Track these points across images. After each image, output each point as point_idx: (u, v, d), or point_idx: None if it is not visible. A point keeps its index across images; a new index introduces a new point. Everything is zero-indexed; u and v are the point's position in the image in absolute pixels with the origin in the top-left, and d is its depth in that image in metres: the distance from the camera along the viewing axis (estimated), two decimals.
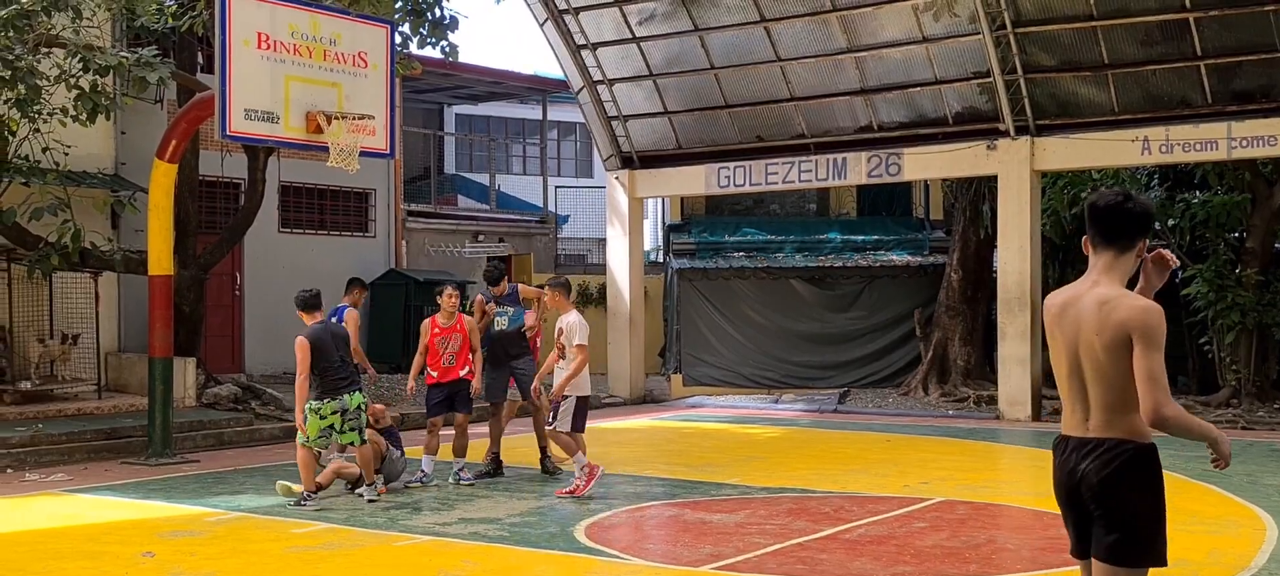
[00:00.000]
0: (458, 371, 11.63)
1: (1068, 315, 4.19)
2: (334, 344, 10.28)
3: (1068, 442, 4.22)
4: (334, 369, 10.14)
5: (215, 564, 8.07)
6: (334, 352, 10.21)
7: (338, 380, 10.14)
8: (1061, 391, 4.26)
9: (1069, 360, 4.18)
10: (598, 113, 21.03)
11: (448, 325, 11.65)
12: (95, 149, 16.92)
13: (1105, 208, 4.19)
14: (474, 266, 24.08)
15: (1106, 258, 4.19)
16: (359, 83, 12.51)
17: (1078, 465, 4.15)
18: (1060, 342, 4.22)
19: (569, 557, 8.23)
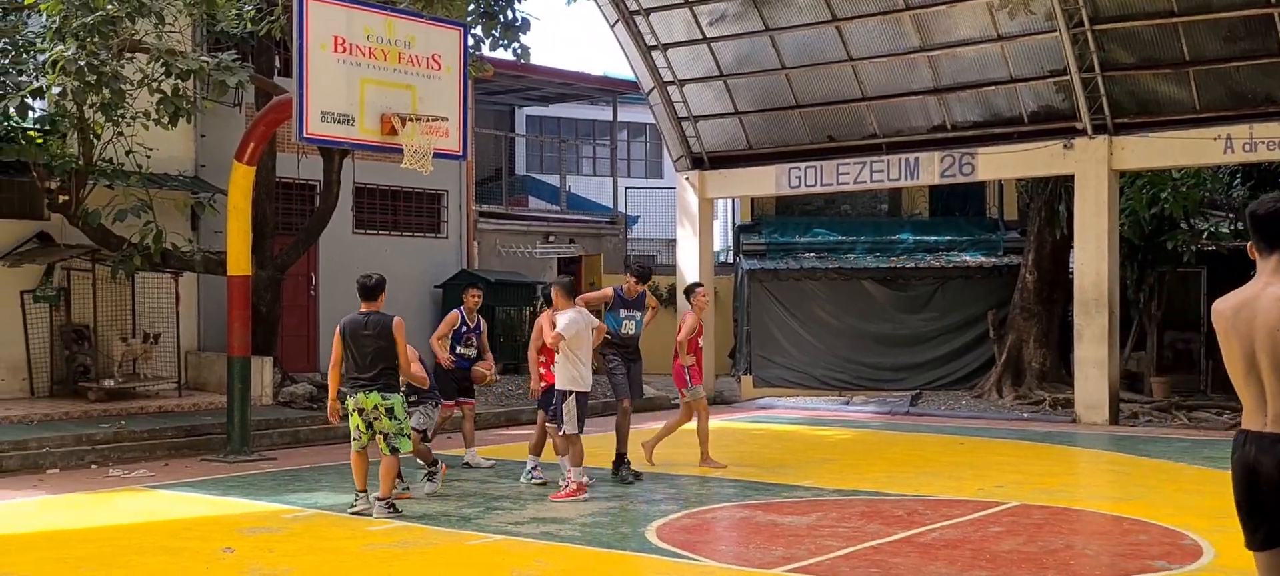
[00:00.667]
0: None
1: (1242, 315, 4.32)
2: (355, 339, 9.70)
3: (1247, 437, 4.35)
4: (353, 364, 9.68)
5: (293, 560, 8.19)
6: (355, 347, 9.67)
7: (354, 377, 9.67)
8: (1240, 391, 4.39)
9: (1245, 359, 4.31)
10: (668, 113, 21.03)
11: None
12: (176, 152, 17.27)
13: (1266, 215, 4.36)
14: (545, 267, 24.22)
15: (1274, 260, 4.33)
16: (432, 85, 12.63)
17: (1257, 459, 4.29)
18: (1235, 344, 4.34)
19: (640, 558, 8.24)
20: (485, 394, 18.99)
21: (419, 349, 11.96)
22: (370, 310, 9.82)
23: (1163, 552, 8.25)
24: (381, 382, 9.61)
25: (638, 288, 11.89)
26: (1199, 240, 19.60)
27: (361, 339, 9.64)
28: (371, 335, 9.67)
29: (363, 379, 9.58)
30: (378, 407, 9.55)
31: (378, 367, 9.61)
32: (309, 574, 7.84)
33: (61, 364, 16.56)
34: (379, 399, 9.54)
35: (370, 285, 9.95)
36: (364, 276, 10.10)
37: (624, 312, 11.89)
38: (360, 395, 9.54)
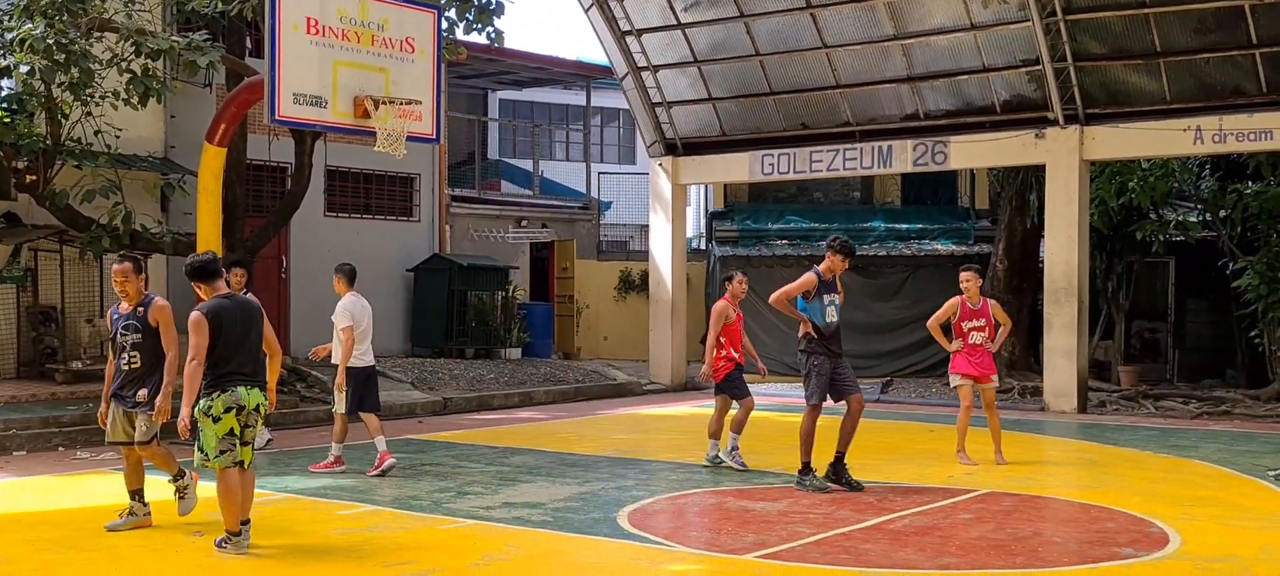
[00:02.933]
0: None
1: None
2: (231, 325, 7.83)
3: None
4: (231, 356, 7.81)
5: (263, 542, 8.15)
6: (235, 335, 7.85)
7: (233, 372, 7.81)
8: None
9: None
10: (642, 99, 21.01)
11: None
12: (145, 132, 17.13)
13: None
14: (516, 252, 24.18)
15: None
16: (406, 68, 12.57)
17: None
18: None
19: (612, 543, 8.25)
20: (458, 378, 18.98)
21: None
22: (231, 293, 8.19)
23: (1130, 540, 8.33)
24: (261, 378, 8.08)
25: (843, 265, 10.38)
26: (1167, 230, 19.77)
27: (237, 325, 7.87)
28: (250, 319, 8.04)
29: (245, 373, 7.85)
30: (260, 408, 7.98)
31: (257, 360, 8.09)
32: (281, 557, 7.80)
33: (28, 345, 16.42)
34: (261, 398, 7.98)
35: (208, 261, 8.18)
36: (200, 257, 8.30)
37: (827, 298, 10.29)
38: (242, 391, 7.78)
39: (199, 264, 8.11)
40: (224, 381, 7.74)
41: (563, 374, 20.82)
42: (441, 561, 7.78)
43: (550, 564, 7.81)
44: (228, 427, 7.80)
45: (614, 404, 18.91)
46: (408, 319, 21.81)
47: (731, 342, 11.68)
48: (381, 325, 21.47)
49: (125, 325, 8.43)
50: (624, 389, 20.60)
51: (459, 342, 21.27)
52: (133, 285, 8.43)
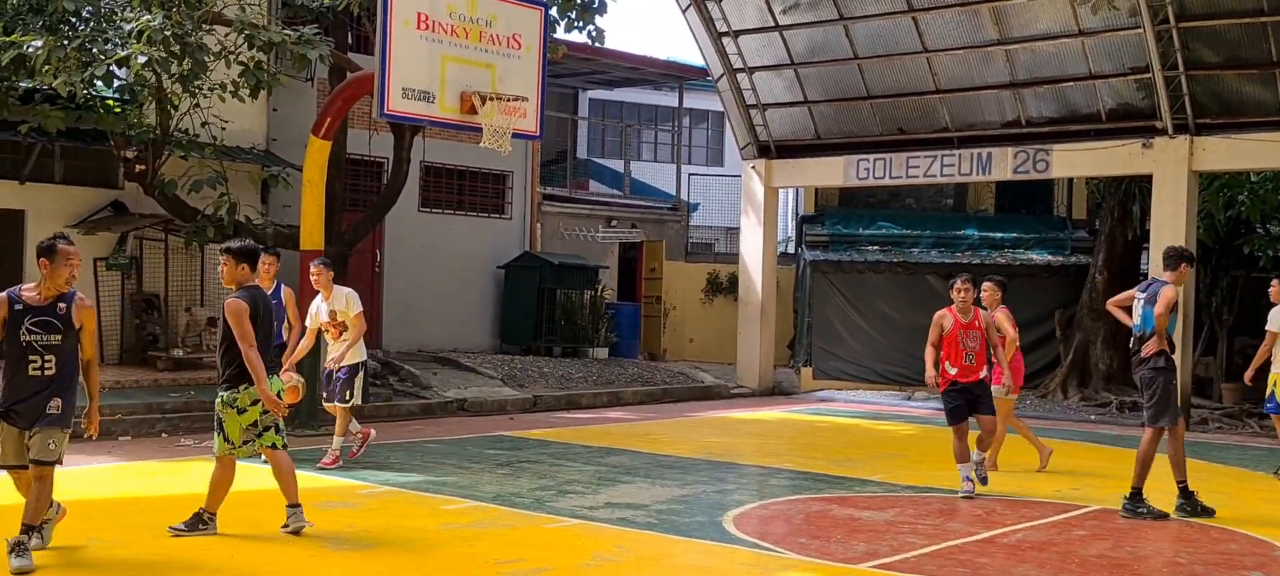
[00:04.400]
0: (978, 372, 10.36)
1: None
2: (263, 315, 7.92)
3: None
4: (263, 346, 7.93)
5: (374, 536, 8.19)
6: (262, 326, 7.90)
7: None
8: None
9: None
10: (736, 100, 20.89)
11: (966, 320, 10.37)
12: (249, 125, 17.37)
13: None
14: (605, 251, 24.17)
15: None
16: (512, 64, 12.59)
17: None
18: None
19: (721, 547, 8.15)
20: (547, 376, 19.01)
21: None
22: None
23: (1257, 563, 8.05)
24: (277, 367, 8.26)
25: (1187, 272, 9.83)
26: (1275, 245, 19.19)
27: (264, 315, 7.93)
28: (270, 311, 8.11)
29: (267, 363, 7.86)
30: (282, 394, 8.13)
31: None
32: (389, 550, 7.82)
33: (132, 332, 16.73)
34: (281, 384, 8.18)
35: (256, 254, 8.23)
36: (250, 243, 8.28)
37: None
38: (276, 377, 8.07)
39: (252, 249, 8.18)
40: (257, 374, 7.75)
41: (650, 375, 20.77)
42: (551, 560, 7.74)
43: (660, 566, 7.73)
44: (252, 419, 7.90)
45: (702, 406, 18.82)
46: (497, 316, 21.90)
47: (949, 354, 10.31)
48: (472, 320, 21.78)
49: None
50: (711, 392, 20.50)
51: (547, 341, 21.31)
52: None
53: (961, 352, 10.28)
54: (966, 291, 10.36)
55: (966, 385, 10.28)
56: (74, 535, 7.75)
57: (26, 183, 16.01)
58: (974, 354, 10.30)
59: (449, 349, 20.51)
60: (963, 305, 10.36)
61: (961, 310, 10.36)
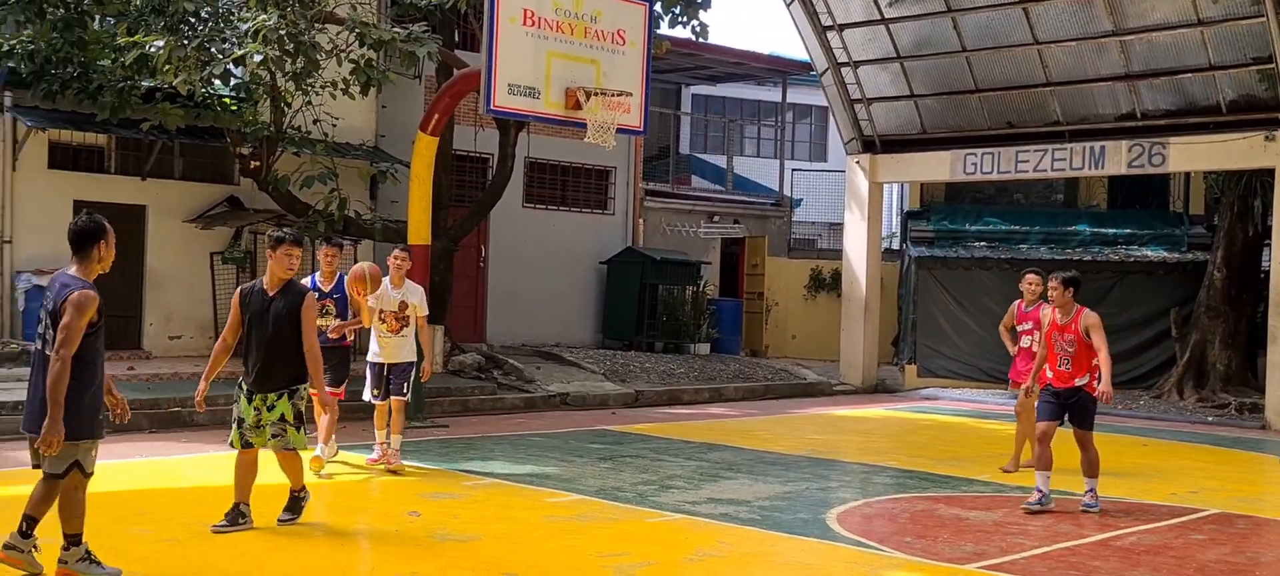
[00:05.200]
0: (1074, 379, 9.34)
1: None
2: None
3: None
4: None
5: (478, 527, 8.29)
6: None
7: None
8: None
9: None
10: (840, 95, 20.70)
11: (1063, 321, 9.36)
12: (358, 122, 17.72)
13: None
14: (707, 247, 24.14)
15: None
16: (616, 60, 12.63)
17: None
18: None
19: (825, 544, 8.08)
20: (649, 371, 19.05)
21: None
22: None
23: None
24: None
25: None
26: None
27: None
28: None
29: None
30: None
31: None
32: (495, 541, 7.90)
33: None
34: None
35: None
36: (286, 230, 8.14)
37: None
38: None
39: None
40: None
41: (752, 371, 20.68)
42: (654, 554, 7.76)
43: (764, 563, 7.69)
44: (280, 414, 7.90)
45: (804, 404, 18.69)
46: (599, 311, 22.02)
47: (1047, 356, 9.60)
48: (574, 315, 21.93)
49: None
50: (814, 389, 20.35)
51: (649, 336, 21.36)
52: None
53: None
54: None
55: (1059, 390, 9.46)
56: (210, 516, 7.98)
57: (148, 179, 16.54)
58: (1068, 358, 9.37)
59: (551, 343, 20.68)
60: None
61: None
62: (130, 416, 6.75)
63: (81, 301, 6.04)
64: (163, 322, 16.90)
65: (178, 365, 15.53)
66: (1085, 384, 9.36)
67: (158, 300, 16.79)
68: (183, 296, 16.99)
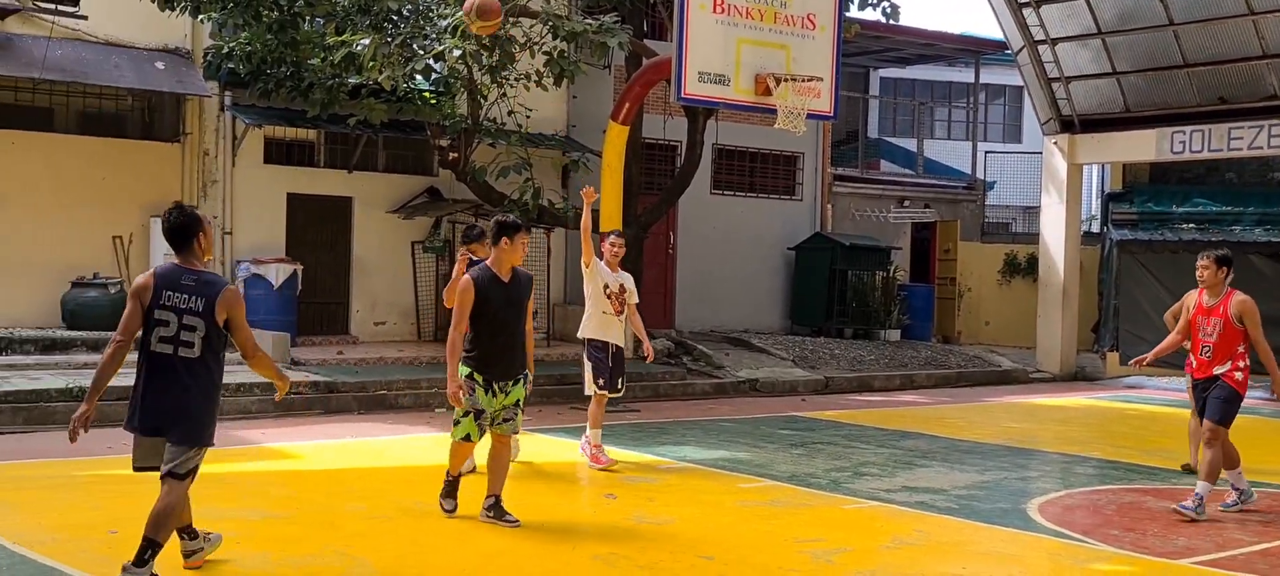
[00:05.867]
0: (1212, 368, 8.65)
1: None
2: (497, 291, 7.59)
3: None
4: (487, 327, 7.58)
5: (674, 510, 8.41)
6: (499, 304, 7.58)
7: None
8: None
9: None
10: (1037, 74, 20.06)
11: (1210, 304, 8.73)
12: (550, 112, 18.11)
13: None
14: (898, 232, 23.77)
15: None
16: (806, 45, 12.57)
17: None
18: None
19: (1026, 535, 7.90)
20: (838, 358, 18.89)
21: None
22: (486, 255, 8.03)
23: None
24: None
25: None
26: None
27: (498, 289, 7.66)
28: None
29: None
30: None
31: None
32: (690, 524, 8.01)
33: (444, 310, 17.75)
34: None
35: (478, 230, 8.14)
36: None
37: None
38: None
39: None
40: None
41: (944, 358, 20.28)
42: (850, 541, 7.73)
43: (963, 552, 7.56)
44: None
45: (999, 391, 18.24)
46: (788, 297, 21.95)
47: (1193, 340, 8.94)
48: (763, 301, 21.92)
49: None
50: (1009, 376, 19.83)
51: (838, 322, 21.19)
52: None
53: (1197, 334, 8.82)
54: (1208, 269, 8.78)
55: (1197, 380, 8.83)
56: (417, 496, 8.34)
57: (354, 171, 17.29)
58: (1210, 345, 8.60)
59: (740, 329, 20.72)
60: (1208, 284, 8.79)
61: (1209, 290, 8.79)
62: None
63: (240, 301, 5.96)
64: (368, 309, 17.65)
65: (382, 350, 16.20)
66: (1225, 373, 8.51)
67: (364, 287, 17.54)
68: (387, 284, 17.70)
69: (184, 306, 5.76)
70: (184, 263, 5.89)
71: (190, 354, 5.76)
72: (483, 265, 7.71)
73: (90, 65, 15.22)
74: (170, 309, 5.76)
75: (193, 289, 5.79)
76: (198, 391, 5.80)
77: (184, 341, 5.75)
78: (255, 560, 6.71)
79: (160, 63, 15.79)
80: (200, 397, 5.82)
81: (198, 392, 5.80)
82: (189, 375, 5.77)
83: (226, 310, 5.82)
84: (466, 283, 7.55)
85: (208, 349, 5.79)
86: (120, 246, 15.61)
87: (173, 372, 5.77)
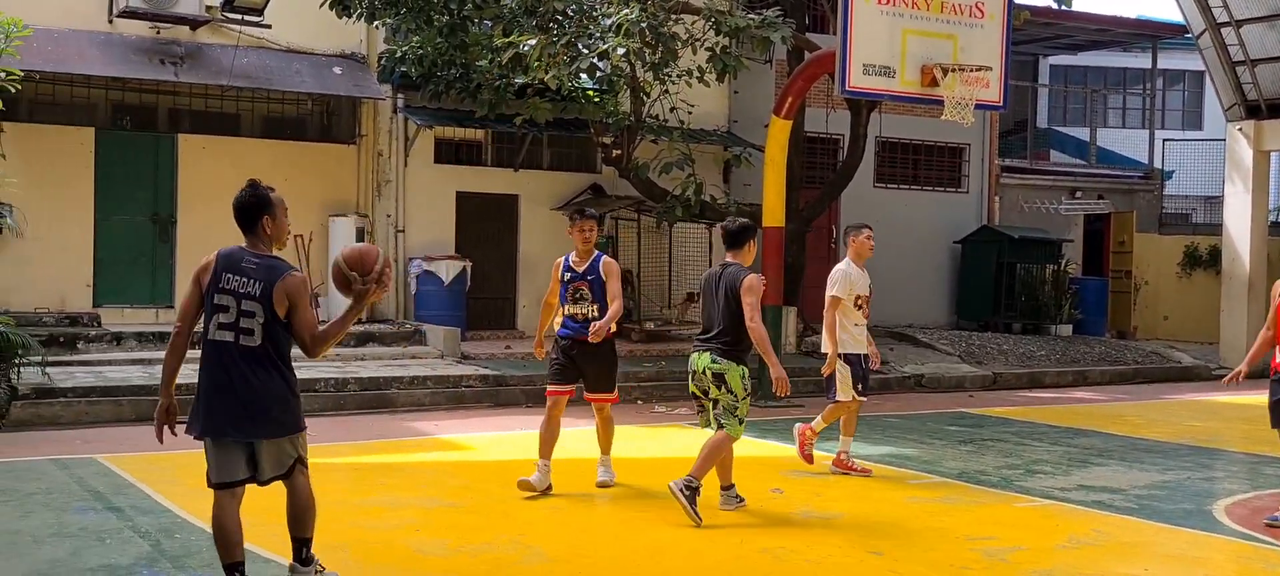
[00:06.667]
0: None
1: None
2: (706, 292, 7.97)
3: None
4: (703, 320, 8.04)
5: (842, 506, 8.37)
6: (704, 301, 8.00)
7: (698, 337, 8.09)
8: None
9: None
10: (1220, 57, 19.22)
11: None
12: (712, 108, 18.16)
13: None
14: (1069, 224, 23.07)
15: None
16: (974, 34, 12.33)
17: None
18: None
19: (1212, 537, 7.60)
20: (1007, 353, 18.45)
21: None
22: (730, 261, 7.95)
23: None
24: (717, 345, 7.75)
25: None
26: None
27: (707, 292, 7.95)
28: (720, 291, 7.78)
29: (700, 339, 7.94)
30: (706, 371, 7.74)
31: (716, 328, 7.78)
32: (859, 520, 7.96)
33: None
34: (709, 361, 7.73)
35: (732, 230, 8.06)
36: (728, 221, 8.25)
37: None
38: (694, 356, 7.88)
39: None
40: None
41: (1119, 354, 19.62)
42: (1024, 540, 7.57)
43: (1144, 553, 7.33)
44: (690, 391, 8.01)
45: (1179, 388, 17.54)
46: (953, 291, 21.54)
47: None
48: (927, 296, 21.54)
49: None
50: (1189, 373, 19.06)
51: (1006, 317, 20.69)
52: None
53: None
54: None
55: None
56: (584, 487, 8.51)
57: (520, 170, 17.67)
58: None
59: (905, 324, 20.41)
60: None
61: None
62: None
63: (302, 288, 5.35)
64: (534, 304, 17.96)
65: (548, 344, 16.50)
66: None
67: (529, 283, 17.89)
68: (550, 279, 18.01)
69: (243, 291, 5.26)
70: (250, 246, 5.40)
71: (251, 343, 5.24)
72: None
73: (274, 72, 15.93)
74: (229, 292, 5.28)
75: (253, 272, 5.28)
76: (265, 382, 5.25)
77: (244, 328, 5.24)
78: (434, 546, 6.95)
79: (338, 68, 16.43)
80: (271, 388, 5.27)
81: (266, 383, 5.25)
82: (252, 365, 5.24)
83: (287, 297, 5.26)
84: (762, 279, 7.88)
85: (268, 339, 5.26)
86: (301, 245, 16.28)
87: (234, 364, 5.24)
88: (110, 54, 15.21)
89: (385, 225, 16.87)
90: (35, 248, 15.17)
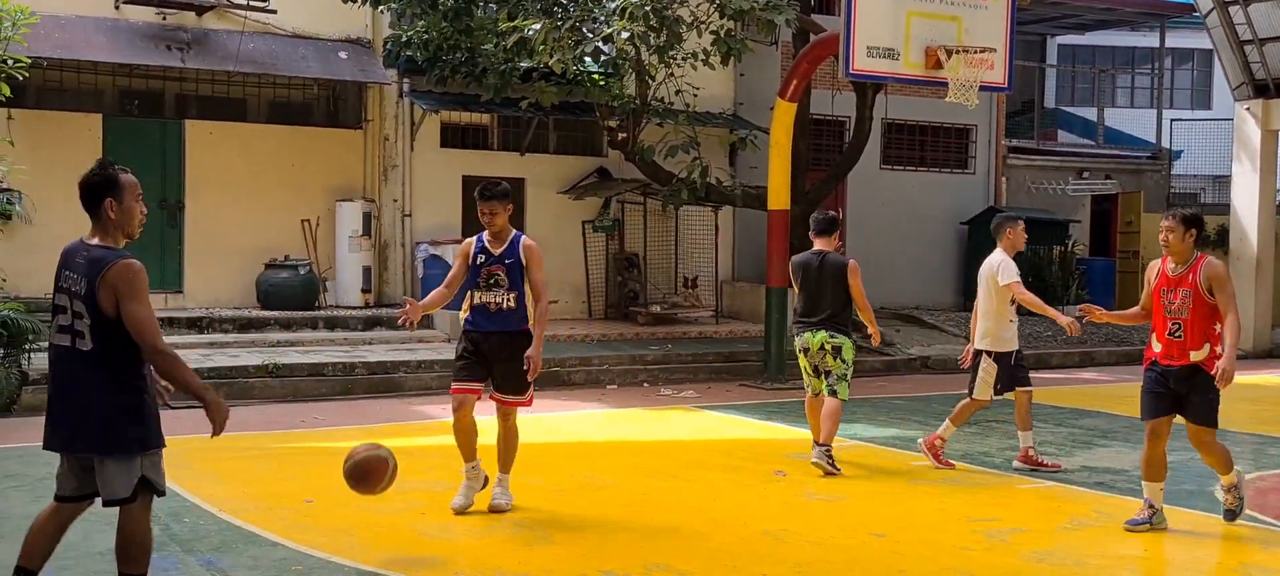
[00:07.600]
0: (1191, 351, 7.06)
1: None
2: (805, 278, 8.97)
3: None
4: (803, 305, 9.02)
5: (845, 488, 8.41)
6: (804, 287, 8.97)
7: (801, 319, 9.02)
8: None
9: None
10: (1228, 36, 19.16)
11: (1177, 273, 7.06)
12: (717, 91, 18.16)
13: None
14: (1076, 205, 23.04)
15: None
16: (978, 15, 12.32)
17: None
18: None
19: (1213, 518, 7.63)
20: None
21: None
22: (823, 249, 8.98)
23: None
24: (831, 323, 8.81)
25: None
26: None
27: (811, 278, 8.92)
28: (826, 276, 8.85)
29: (810, 321, 8.88)
30: (825, 347, 8.78)
31: (827, 309, 8.80)
32: (861, 501, 8.01)
33: (614, 288, 18.06)
34: (826, 337, 8.77)
35: (823, 220, 9.12)
36: (818, 213, 9.39)
37: None
38: (807, 335, 8.87)
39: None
40: (798, 325, 9.08)
41: (1126, 334, 19.60)
42: (1026, 521, 7.61)
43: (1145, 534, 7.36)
44: (802, 367, 9.09)
45: None
46: (960, 272, 21.52)
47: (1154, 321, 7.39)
48: (934, 277, 21.54)
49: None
50: None
51: None
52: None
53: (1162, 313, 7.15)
54: (1172, 231, 7.04)
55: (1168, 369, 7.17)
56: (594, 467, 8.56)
57: (526, 154, 17.70)
58: (1181, 324, 7.02)
59: (911, 306, 20.43)
60: (1173, 251, 7.10)
61: (1174, 257, 7.11)
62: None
63: (131, 279, 4.57)
64: None
65: (554, 327, 16.52)
66: (1204, 359, 6.97)
67: None
68: (558, 262, 17.97)
69: (73, 289, 4.63)
70: (91, 235, 4.75)
71: (84, 347, 4.60)
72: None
73: (280, 57, 15.96)
74: (64, 291, 4.67)
75: (82, 267, 4.62)
76: (105, 391, 4.59)
77: (77, 331, 4.61)
78: (436, 528, 7.01)
79: (343, 53, 16.46)
80: (111, 399, 4.59)
81: (106, 393, 4.59)
82: (89, 372, 4.59)
83: (113, 290, 4.55)
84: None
85: (103, 343, 4.57)
86: (308, 229, 16.33)
87: (72, 372, 4.62)
88: (117, 40, 15.26)
89: (392, 209, 16.92)
90: (44, 234, 15.23)
